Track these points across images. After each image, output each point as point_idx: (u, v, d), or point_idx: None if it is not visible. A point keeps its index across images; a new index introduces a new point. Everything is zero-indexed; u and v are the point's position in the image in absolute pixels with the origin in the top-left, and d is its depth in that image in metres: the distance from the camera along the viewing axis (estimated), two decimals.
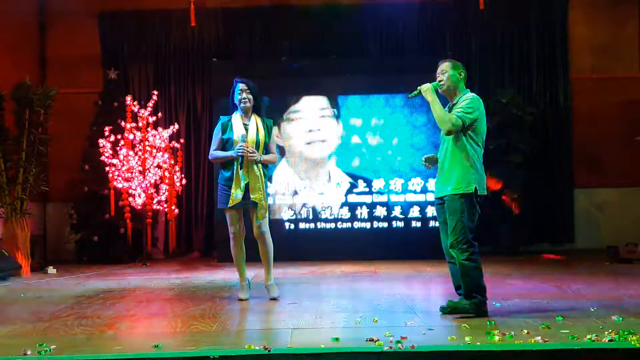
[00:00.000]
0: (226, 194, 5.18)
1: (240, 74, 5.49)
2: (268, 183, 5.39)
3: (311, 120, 8.70)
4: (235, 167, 5.13)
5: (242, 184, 5.13)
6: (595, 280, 6.12)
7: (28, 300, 5.63)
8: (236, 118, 5.26)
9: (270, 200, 7.76)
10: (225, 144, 5.24)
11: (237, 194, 5.12)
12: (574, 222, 9.38)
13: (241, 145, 5.09)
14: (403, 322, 4.17)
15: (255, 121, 5.26)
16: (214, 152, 5.31)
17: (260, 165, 5.18)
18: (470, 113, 4.35)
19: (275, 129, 5.45)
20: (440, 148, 4.57)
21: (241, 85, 5.25)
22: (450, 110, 4.48)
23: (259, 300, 5.25)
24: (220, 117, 5.39)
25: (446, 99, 4.56)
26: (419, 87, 4.52)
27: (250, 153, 5.11)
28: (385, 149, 8.64)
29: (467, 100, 4.40)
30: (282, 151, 8.55)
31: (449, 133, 4.38)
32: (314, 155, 8.68)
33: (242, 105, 5.24)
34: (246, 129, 5.20)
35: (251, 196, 5.14)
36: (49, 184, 8.15)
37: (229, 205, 5.16)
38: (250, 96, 5.24)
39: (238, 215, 5.26)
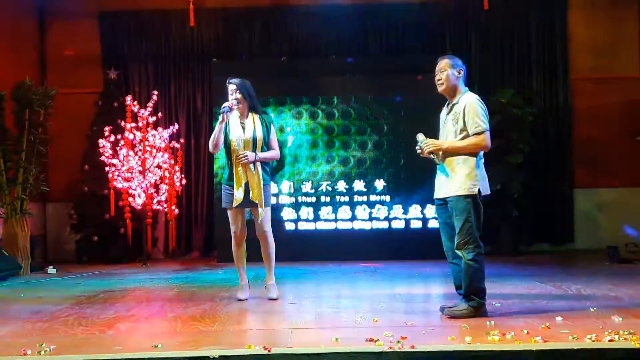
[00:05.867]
0: (229, 193, 5.21)
1: (240, 74, 5.49)
2: (271, 182, 5.38)
3: (309, 119, 8.68)
4: (232, 167, 5.16)
5: (243, 183, 5.14)
6: (595, 280, 6.12)
7: (28, 300, 5.63)
8: (234, 116, 5.26)
9: (273, 200, 7.65)
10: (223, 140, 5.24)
11: (238, 193, 5.14)
12: (574, 222, 9.36)
13: (226, 106, 5.10)
14: (403, 322, 4.17)
15: (252, 119, 5.25)
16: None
17: (258, 163, 5.18)
18: (484, 117, 4.36)
19: (273, 126, 5.41)
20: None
21: (230, 87, 5.25)
22: (450, 110, 4.47)
23: (259, 300, 5.26)
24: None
25: (445, 97, 4.55)
26: (425, 147, 4.43)
27: (242, 157, 5.11)
28: (385, 149, 8.62)
29: (473, 107, 4.34)
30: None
31: (487, 148, 4.37)
32: (313, 154, 8.65)
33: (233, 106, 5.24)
34: (243, 128, 5.21)
35: (250, 195, 5.15)
36: (49, 184, 8.14)
37: (233, 205, 5.17)
38: (240, 96, 5.21)
39: (240, 215, 5.27)
